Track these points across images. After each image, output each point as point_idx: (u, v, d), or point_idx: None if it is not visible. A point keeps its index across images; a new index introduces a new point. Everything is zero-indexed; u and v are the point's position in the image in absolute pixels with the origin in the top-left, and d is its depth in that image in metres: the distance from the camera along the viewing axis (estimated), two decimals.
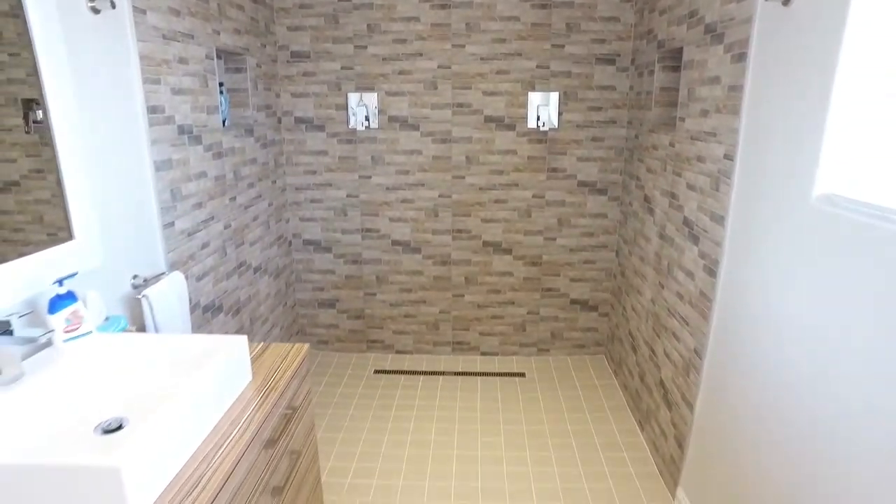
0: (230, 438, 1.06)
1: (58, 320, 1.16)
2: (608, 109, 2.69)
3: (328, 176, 2.82)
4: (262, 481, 1.16)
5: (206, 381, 1.06)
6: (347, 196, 2.85)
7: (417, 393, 2.72)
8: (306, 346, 1.47)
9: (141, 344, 1.23)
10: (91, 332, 1.23)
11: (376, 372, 2.93)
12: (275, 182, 2.68)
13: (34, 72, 1.16)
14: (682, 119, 1.99)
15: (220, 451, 1.02)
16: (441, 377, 2.87)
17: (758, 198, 1.47)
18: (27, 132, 1.18)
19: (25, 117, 1.17)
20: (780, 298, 1.35)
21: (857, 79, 1.14)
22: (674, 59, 2.16)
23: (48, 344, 1.19)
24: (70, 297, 1.19)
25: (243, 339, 1.24)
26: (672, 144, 2.09)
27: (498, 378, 2.86)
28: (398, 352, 3.10)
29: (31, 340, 1.11)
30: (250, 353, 1.40)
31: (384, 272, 2.96)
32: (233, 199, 2.20)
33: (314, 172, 2.82)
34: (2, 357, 1.01)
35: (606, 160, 2.76)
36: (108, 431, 1.04)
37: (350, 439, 2.35)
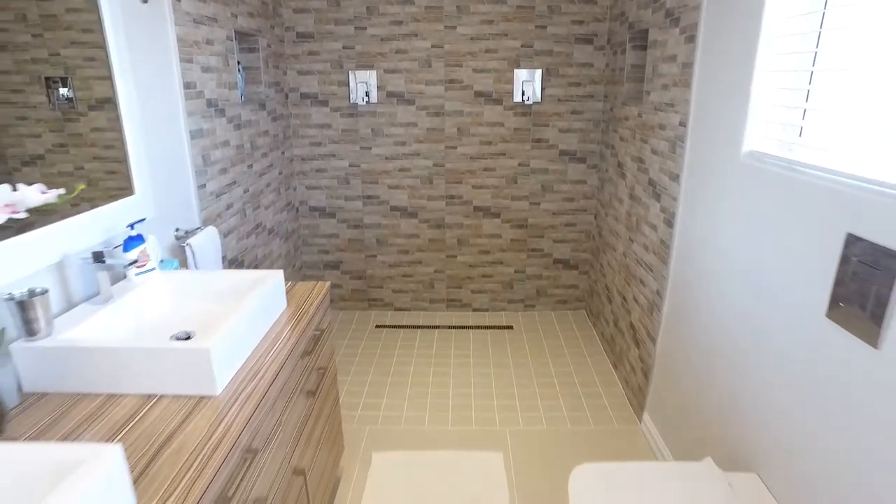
0: (276, 347, 1.35)
1: (131, 257, 1.43)
2: (586, 85, 2.96)
3: (332, 147, 3.08)
4: (300, 384, 1.45)
5: (255, 303, 1.34)
6: (349, 166, 3.11)
7: (416, 345, 3.02)
8: (328, 283, 1.75)
9: (196, 278, 1.51)
10: (155, 268, 1.50)
11: (377, 327, 3.22)
12: (283, 153, 2.93)
13: (56, 52, 1.26)
14: (648, 93, 2.26)
15: (269, 356, 1.30)
16: (436, 331, 3.17)
17: (703, 157, 1.76)
18: (51, 109, 1.26)
19: (48, 95, 1.25)
20: (719, 239, 1.65)
21: (773, 56, 1.42)
22: (642, 40, 2.43)
23: (123, 276, 1.47)
24: (139, 238, 1.46)
25: (280, 272, 1.52)
26: (640, 115, 2.37)
27: (488, 331, 3.17)
28: (397, 309, 3.40)
29: (112, 269, 1.38)
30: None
31: (384, 235, 3.24)
32: (250, 166, 2.46)
33: (319, 144, 3.07)
34: (101, 281, 1.29)
35: (585, 131, 3.03)
36: (180, 340, 1.32)
37: (357, 381, 2.65)
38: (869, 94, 1.12)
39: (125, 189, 1.54)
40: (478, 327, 3.21)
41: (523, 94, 2.96)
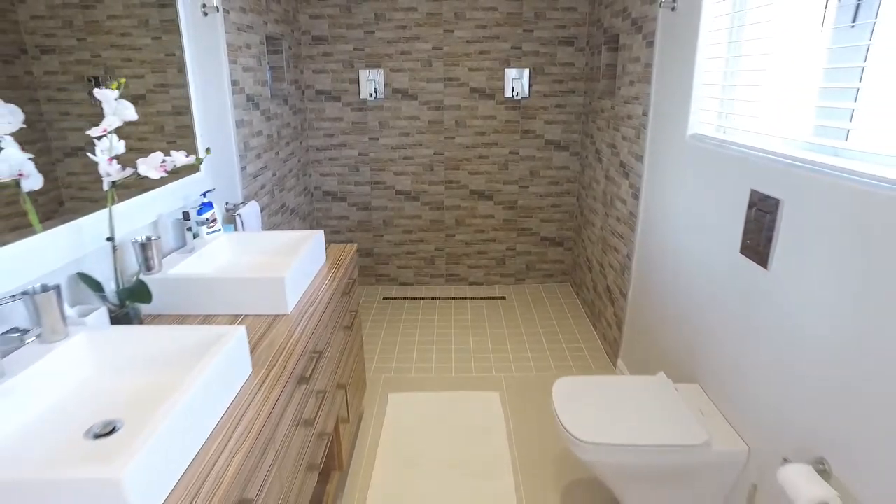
0: (323, 286, 1.73)
1: (203, 219, 1.81)
2: (568, 82, 3.35)
3: (343, 138, 3.46)
4: (341, 320, 1.84)
5: (306, 253, 1.72)
6: (359, 154, 3.49)
7: (419, 314, 3.40)
8: (355, 244, 2.14)
9: (253, 237, 1.89)
10: (220, 229, 1.88)
11: (384, 299, 3.60)
12: (301, 143, 3.31)
13: (98, 54, 1.40)
14: (619, 88, 2.66)
15: (320, 291, 1.69)
16: (437, 301, 3.56)
17: (660, 140, 2.16)
18: (92, 105, 1.34)
19: (90, 92, 1.34)
20: (673, 205, 2.05)
21: (706, 60, 1.82)
22: (614, 43, 2.82)
23: (196, 234, 1.84)
24: (210, 205, 1.83)
25: (321, 232, 1.90)
26: (613, 107, 2.77)
27: (483, 301, 3.57)
28: (402, 283, 3.78)
29: (193, 227, 1.76)
30: None
31: (389, 217, 3.62)
32: (277, 153, 2.84)
33: (332, 135, 3.45)
34: (187, 235, 1.67)
35: (568, 122, 3.43)
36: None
37: (370, 342, 3.03)
38: (765, 92, 1.52)
39: (193, 167, 1.91)
40: (474, 298, 3.60)
41: (513, 90, 3.35)
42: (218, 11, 2.04)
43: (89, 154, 1.26)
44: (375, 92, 3.34)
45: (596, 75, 3.09)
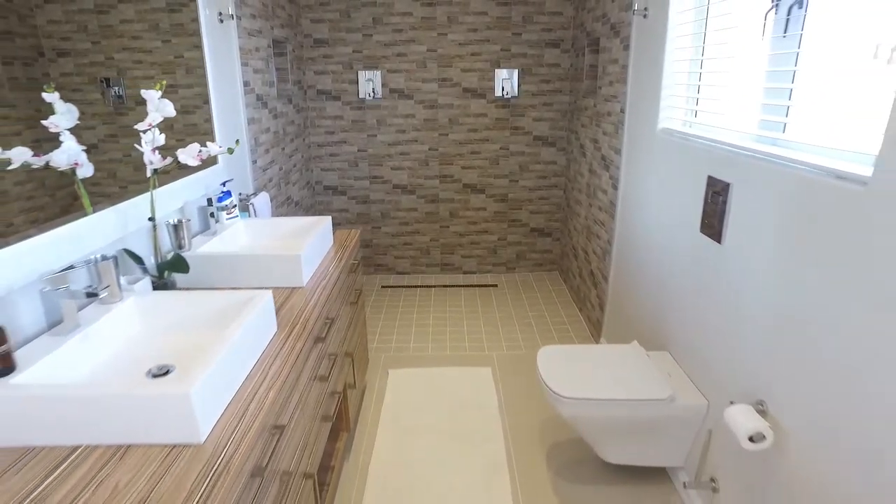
0: (332, 264, 1.94)
1: (224, 205, 2.01)
2: (555, 81, 3.57)
3: (343, 135, 3.66)
4: (348, 296, 2.04)
5: (317, 235, 1.92)
6: (358, 151, 3.70)
7: (416, 300, 3.61)
8: (359, 230, 2.35)
9: (267, 222, 2.09)
10: (237, 216, 2.08)
11: (383, 287, 3.81)
12: (304, 140, 3.51)
13: (111, 56, 1.46)
14: (600, 87, 2.88)
15: (330, 268, 1.89)
16: (433, 289, 3.77)
17: (636, 135, 2.38)
18: (104, 105, 1.43)
19: (103, 93, 1.42)
20: (646, 193, 2.27)
21: (673, 63, 2.04)
22: (596, 45, 3.04)
23: (218, 219, 2.04)
24: (229, 193, 2.03)
25: (329, 218, 2.11)
26: (595, 105, 2.99)
27: (476, 288, 3.78)
28: (399, 272, 3.99)
29: (214, 213, 1.96)
30: None
31: (387, 210, 3.83)
32: (283, 149, 3.04)
33: (332, 133, 3.65)
34: (210, 222, 1.87)
35: (554, 120, 3.65)
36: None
37: (369, 326, 3.23)
38: (721, 91, 1.74)
39: (213, 160, 2.11)
40: (467, 286, 3.81)
41: (503, 89, 3.56)
42: (232, 19, 2.24)
43: (136, 146, 1.46)
44: (373, 92, 3.55)
45: (580, 75, 3.31)
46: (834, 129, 1.26)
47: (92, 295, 1.19)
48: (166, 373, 1.18)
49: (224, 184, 2.03)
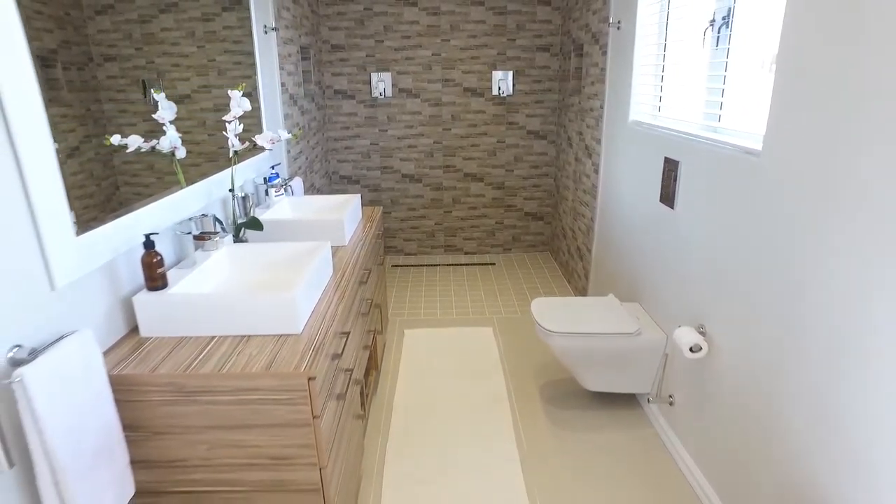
0: (363, 231, 2.38)
1: (272, 187, 2.44)
2: (545, 82, 4.03)
3: (357, 130, 4.10)
4: (376, 257, 2.49)
5: (351, 208, 2.36)
6: (371, 144, 4.14)
7: (424, 277, 4.05)
8: (381, 207, 2.79)
9: (307, 199, 2.53)
10: (283, 194, 2.52)
11: (393, 266, 4.25)
12: (323, 134, 3.95)
13: (152, 60, 1.60)
14: (584, 87, 3.34)
15: (363, 233, 2.34)
16: (438, 268, 4.21)
17: (612, 127, 2.83)
18: (145, 104, 1.55)
19: (144, 93, 1.55)
20: (621, 174, 2.73)
21: (641, 66, 2.50)
22: (580, 50, 3.50)
23: (268, 195, 2.48)
24: (277, 175, 2.47)
25: (358, 195, 2.55)
26: (579, 102, 3.45)
27: (477, 266, 4.23)
28: (407, 254, 4.44)
29: (267, 191, 2.40)
30: None
31: (396, 197, 4.27)
32: (308, 141, 3.48)
33: (348, 128, 4.09)
34: (266, 197, 2.31)
35: (545, 116, 4.11)
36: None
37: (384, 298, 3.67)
38: (677, 89, 2.20)
39: (261, 149, 2.55)
40: (469, 265, 4.26)
41: (499, 89, 4.01)
42: (275, 31, 2.68)
43: (223, 132, 1.90)
44: (384, 91, 3.99)
45: (567, 76, 3.76)
46: (747, 117, 1.72)
47: (202, 238, 1.63)
48: None
49: (273, 167, 2.47)
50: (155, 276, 1.42)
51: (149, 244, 1.41)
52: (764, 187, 1.50)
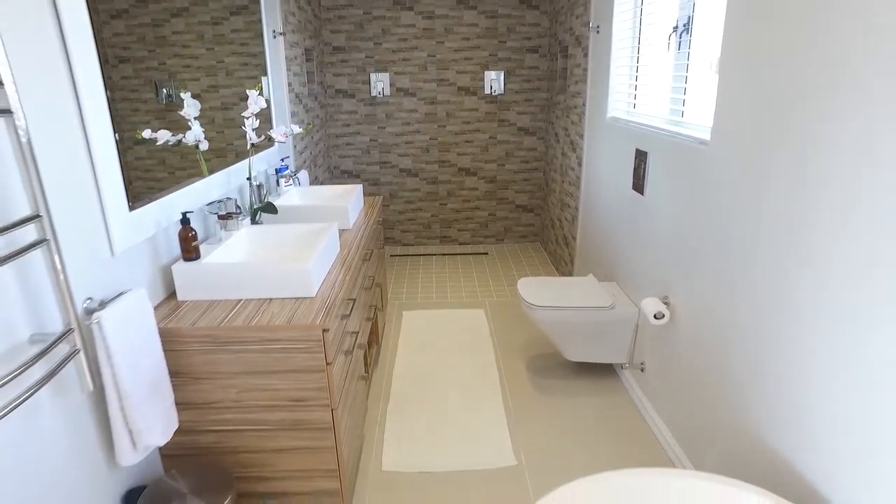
0: (366, 216, 2.62)
1: (282, 178, 2.68)
2: (534, 81, 4.28)
3: (357, 127, 4.34)
4: (377, 242, 2.73)
5: (354, 196, 2.61)
6: (370, 140, 4.38)
7: (420, 266, 4.30)
8: (381, 197, 3.04)
9: (313, 189, 2.78)
10: (292, 184, 2.76)
11: (391, 256, 4.50)
12: (326, 131, 4.19)
13: (163, 62, 1.69)
14: (569, 86, 3.59)
15: (366, 218, 2.58)
16: (434, 257, 4.46)
17: (593, 123, 3.08)
18: (157, 103, 1.63)
19: (156, 93, 1.64)
20: (601, 166, 2.98)
21: (617, 67, 2.75)
22: (565, 52, 3.74)
23: (279, 185, 2.72)
24: (286, 167, 2.72)
25: (360, 185, 2.79)
26: (565, 101, 3.70)
27: (471, 256, 4.48)
28: (404, 244, 4.68)
29: (278, 183, 2.64)
30: None
31: (394, 190, 4.52)
32: (312, 137, 3.72)
33: (348, 125, 4.33)
34: (277, 186, 2.56)
35: (535, 113, 4.36)
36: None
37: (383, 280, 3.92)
38: (647, 88, 2.45)
39: (272, 143, 2.79)
40: (463, 254, 4.51)
41: (491, 88, 4.26)
42: (282, 35, 2.93)
43: (243, 127, 2.14)
44: (383, 91, 4.23)
45: (554, 76, 4.01)
46: (704, 112, 1.97)
47: (226, 218, 1.87)
48: None
49: (283, 160, 2.72)
50: (190, 248, 1.67)
51: (185, 221, 1.66)
52: (712, 173, 1.75)
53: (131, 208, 1.48)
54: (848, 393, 1.17)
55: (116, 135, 1.41)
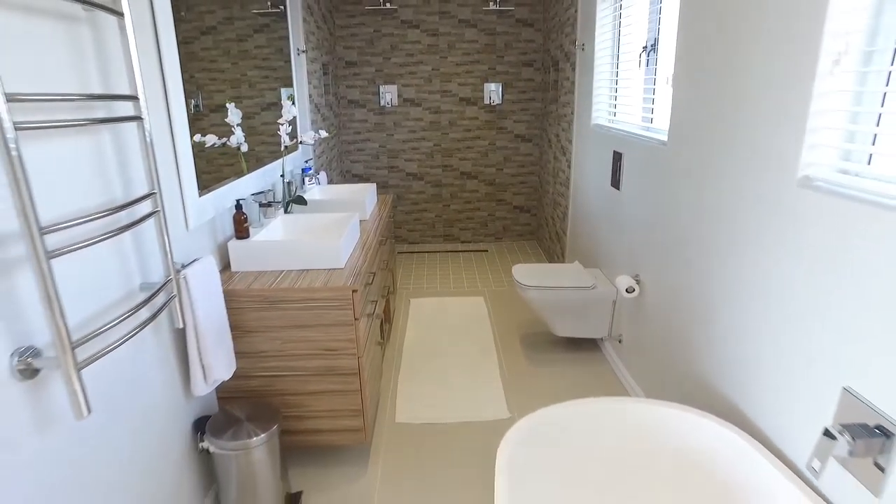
0: (380, 210, 3.00)
1: (307, 177, 3.07)
2: (530, 92, 4.67)
3: (367, 135, 4.74)
4: (389, 233, 3.11)
5: (369, 193, 2.99)
6: (379, 147, 4.77)
7: (426, 262, 4.67)
8: (392, 195, 3.42)
9: (333, 187, 3.16)
10: (314, 183, 3.15)
11: (399, 253, 4.87)
12: (339, 138, 4.59)
13: (193, 75, 2.55)
14: (560, 97, 3.98)
15: (378, 213, 2.97)
16: (438, 254, 4.83)
17: (580, 129, 3.47)
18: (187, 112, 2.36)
19: (186, 103, 1.95)
20: (586, 167, 3.36)
21: (599, 83, 3.14)
22: (556, 66, 4.14)
23: (304, 183, 3.11)
24: (310, 168, 3.10)
25: (374, 185, 3.17)
26: (557, 110, 4.09)
27: (472, 253, 4.85)
28: (410, 242, 5.06)
29: (304, 181, 3.03)
30: None
31: (401, 193, 4.90)
32: (327, 143, 4.11)
33: (359, 133, 4.73)
34: (303, 184, 2.95)
35: (530, 122, 4.75)
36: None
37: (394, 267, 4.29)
38: (625, 98, 2.83)
39: (295, 147, 3.18)
40: (465, 251, 4.88)
41: (490, 98, 4.66)
42: (304, 53, 3.33)
43: (277, 133, 2.53)
44: (391, 101, 4.63)
45: (547, 88, 4.40)
46: (665, 118, 2.35)
47: (267, 205, 2.25)
48: None
49: (306, 161, 3.11)
50: (242, 228, 2.05)
51: (238, 206, 2.04)
52: (669, 168, 2.13)
53: (200, 195, 1.86)
54: (768, 347, 1.55)
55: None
